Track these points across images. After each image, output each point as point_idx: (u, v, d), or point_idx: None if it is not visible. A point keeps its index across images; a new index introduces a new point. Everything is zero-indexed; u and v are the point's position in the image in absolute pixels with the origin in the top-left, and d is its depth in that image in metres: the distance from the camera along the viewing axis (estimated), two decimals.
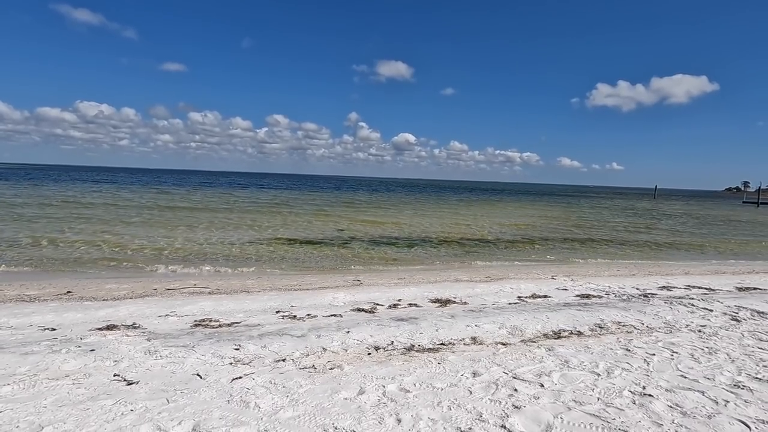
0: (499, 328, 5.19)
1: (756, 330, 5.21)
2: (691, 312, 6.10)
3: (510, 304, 6.68)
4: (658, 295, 7.37)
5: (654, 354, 4.26)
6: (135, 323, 5.21)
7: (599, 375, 3.71)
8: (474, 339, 4.77)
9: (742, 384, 3.55)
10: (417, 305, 6.50)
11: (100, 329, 4.91)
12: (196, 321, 5.42)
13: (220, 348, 4.27)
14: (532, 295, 7.32)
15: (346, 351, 4.31)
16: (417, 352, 4.32)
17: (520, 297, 7.19)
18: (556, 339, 4.84)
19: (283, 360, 4.02)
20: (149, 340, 4.49)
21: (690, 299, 6.96)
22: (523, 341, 4.73)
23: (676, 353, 4.29)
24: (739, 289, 8.16)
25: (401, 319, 5.52)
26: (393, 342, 4.61)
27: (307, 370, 3.78)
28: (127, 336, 4.63)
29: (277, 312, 5.94)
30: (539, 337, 4.89)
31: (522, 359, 4.09)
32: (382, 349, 4.38)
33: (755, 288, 8.31)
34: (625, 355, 4.23)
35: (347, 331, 4.90)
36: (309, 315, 5.77)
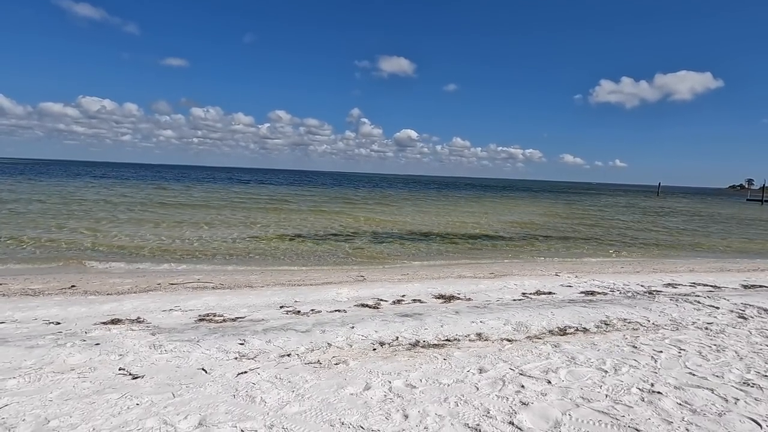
0: (504, 324, 5.16)
1: (763, 327, 5.16)
2: (698, 309, 6.05)
3: (514, 300, 6.66)
4: (663, 293, 7.33)
5: (661, 351, 4.23)
6: (139, 317, 5.21)
7: (606, 372, 3.68)
8: (479, 335, 4.75)
9: (751, 382, 3.51)
10: (421, 301, 6.48)
11: (104, 323, 4.91)
12: (200, 316, 5.41)
13: (224, 343, 4.25)
14: (536, 292, 7.29)
15: (350, 346, 4.29)
16: (422, 347, 4.30)
17: (524, 294, 7.16)
18: (561, 336, 4.81)
19: (288, 355, 4.00)
20: (154, 334, 4.49)
21: (696, 296, 6.91)
22: (529, 338, 4.70)
23: (683, 350, 4.26)
24: (745, 287, 8.11)
25: (405, 315, 5.50)
26: (398, 338, 4.59)
27: (313, 365, 3.76)
28: (132, 330, 4.62)
29: (281, 307, 5.93)
30: (545, 334, 4.86)
31: (528, 356, 4.07)
32: (387, 345, 4.36)
33: (761, 285, 8.25)
34: (632, 352, 4.20)
35: (352, 327, 4.89)
36: (313, 310, 5.76)
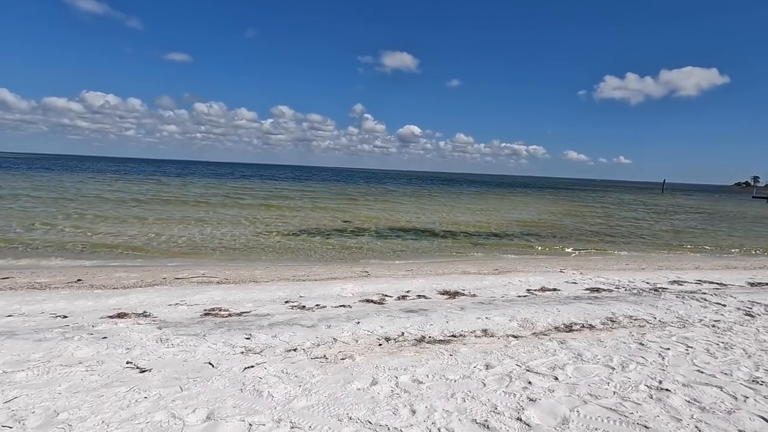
0: (510, 320, 5.15)
1: None
2: (704, 307, 6.02)
3: (519, 296, 6.64)
4: (669, 290, 7.29)
5: (669, 348, 4.21)
6: (145, 312, 5.23)
7: (614, 369, 3.66)
8: (485, 331, 4.74)
9: (760, 380, 3.49)
10: (426, 297, 6.47)
11: (111, 317, 4.94)
12: (205, 310, 5.42)
13: (230, 337, 4.26)
14: (541, 288, 7.27)
15: (356, 342, 4.29)
16: (428, 343, 4.29)
17: (529, 290, 7.14)
18: (567, 332, 4.80)
19: (294, 350, 4.01)
20: (160, 328, 4.50)
21: (702, 294, 6.88)
22: (535, 334, 4.69)
23: (691, 348, 4.24)
24: (752, 284, 8.06)
25: (411, 311, 5.50)
26: (403, 333, 4.58)
27: (319, 360, 3.77)
28: (138, 324, 4.64)
29: (286, 302, 5.94)
30: (551, 330, 4.85)
31: (534, 352, 4.05)
32: (393, 340, 4.36)
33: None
34: (639, 349, 4.18)
35: (357, 322, 4.89)
36: (318, 305, 5.77)
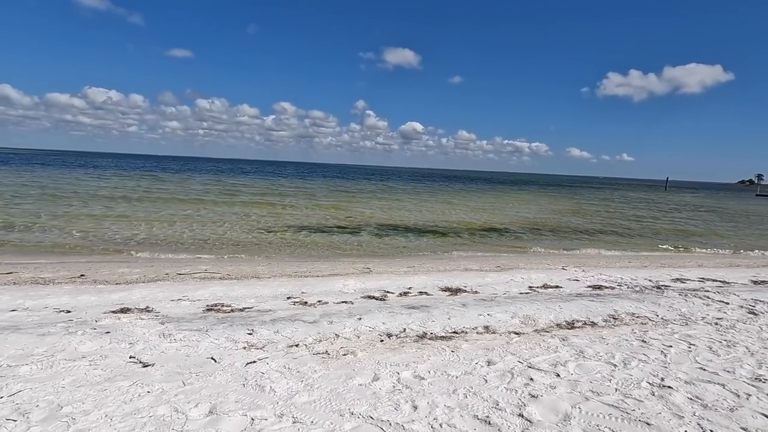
0: (512, 317, 5.15)
1: None
2: (707, 304, 6.00)
3: (521, 293, 6.63)
4: (671, 287, 7.27)
5: (671, 346, 4.20)
6: (148, 307, 5.25)
7: (616, 366, 3.66)
8: (487, 328, 4.74)
9: (763, 377, 3.48)
10: (427, 293, 6.47)
11: (114, 312, 4.96)
12: (208, 305, 5.44)
13: (233, 332, 4.28)
14: (543, 285, 7.26)
15: (358, 337, 4.30)
16: (430, 339, 4.30)
17: (531, 287, 7.14)
18: (569, 329, 4.79)
19: (296, 345, 4.02)
20: (163, 323, 4.52)
21: (705, 292, 6.86)
22: (537, 331, 4.68)
23: (693, 345, 4.23)
24: (755, 282, 8.03)
25: (412, 307, 5.50)
26: (405, 329, 4.59)
27: (321, 355, 3.78)
28: (141, 319, 4.66)
29: (288, 298, 5.95)
30: (552, 327, 4.84)
31: (536, 349, 4.05)
32: (394, 336, 4.37)
33: None
34: (641, 347, 4.18)
35: (359, 318, 4.90)
36: (320, 301, 5.78)
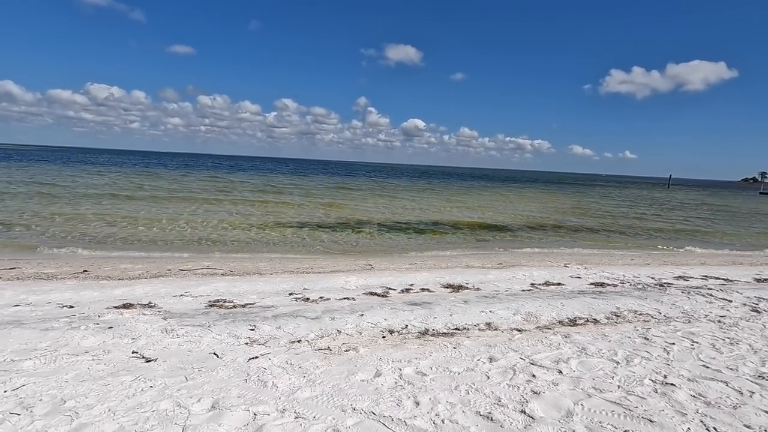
0: (514, 314, 5.14)
1: None
2: (710, 302, 5.99)
3: (523, 290, 6.63)
4: (674, 285, 7.25)
5: (674, 343, 4.19)
6: (151, 302, 5.26)
7: (618, 363, 3.65)
8: (489, 324, 4.73)
9: (766, 375, 3.47)
10: (429, 290, 6.47)
11: (116, 307, 4.97)
12: (210, 301, 5.45)
13: (235, 328, 4.29)
14: (545, 283, 7.25)
15: (360, 334, 4.30)
16: (432, 336, 4.30)
17: (533, 284, 7.13)
18: (572, 326, 4.79)
19: (299, 341, 4.03)
20: (165, 319, 4.53)
21: (708, 289, 6.83)
22: (539, 328, 4.68)
23: (696, 343, 4.22)
24: (758, 280, 8.00)
25: (414, 304, 5.50)
26: (407, 326, 4.59)
27: (323, 351, 3.78)
28: (144, 315, 4.67)
29: (290, 294, 5.96)
30: (555, 324, 4.84)
31: (538, 345, 4.05)
32: (396, 333, 4.37)
33: None
34: (644, 344, 4.17)
35: (361, 314, 4.90)
36: (322, 298, 5.78)
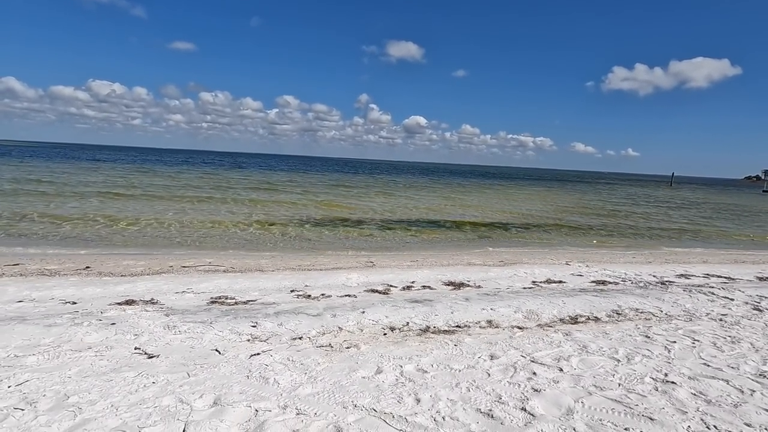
0: (515, 311, 5.14)
1: None
2: (711, 301, 5.98)
3: (524, 288, 6.63)
4: (676, 283, 7.24)
5: (675, 341, 4.19)
6: (153, 299, 5.28)
7: (619, 361, 3.66)
8: (490, 322, 4.74)
9: (767, 374, 3.47)
10: (431, 287, 6.48)
11: (119, 304, 5.00)
12: (212, 298, 5.47)
13: (237, 325, 4.30)
14: (546, 281, 7.25)
15: (361, 331, 4.31)
16: (433, 333, 4.31)
17: (534, 282, 7.13)
18: (573, 324, 4.79)
19: (300, 338, 4.04)
20: (168, 315, 4.55)
21: (710, 288, 6.82)
22: (540, 325, 4.68)
23: (697, 341, 4.22)
24: (760, 279, 7.98)
25: (416, 301, 5.51)
26: (408, 323, 4.60)
27: (324, 348, 3.79)
28: (146, 311, 4.69)
29: (292, 291, 5.98)
30: (556, 322, 4.84)
31: (539, 343, 4.05)
32: (397, 330, 4.38)
33: None
34: (645, 342, 4.17)
35: (362, 311, 4.91)
36: (323, 295, 5.79)
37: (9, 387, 2.87)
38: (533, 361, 3.60)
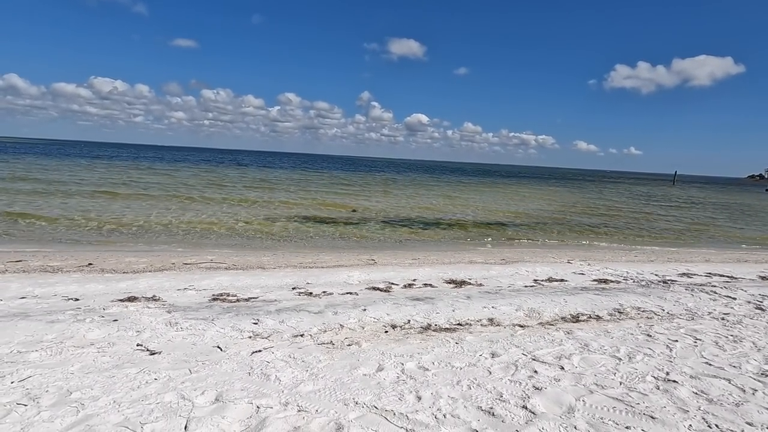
0: (516, 310, 5.14)
1: None
2: (714, 300, 5.96)
3: (526, 286, 6.62)
4: (678, 282, 7.23)
5: (676, 340, 4.18)
6: (155, 296, 5.30)
7: (620, 359, 3.65)
8: (491, 320, 4.74)
9: None
10: (432, 285, 6.48)
11: (121, 300, 5.01)
12: (214, 295, 5.48)
13: (238, 322, 4.31)
14: (548, 279, 7.24)
15: (363, 328, 4.32)
16: (434, 331, 4.31)
17: (536, 280, 7.12)
18: (574, 322, 4.79)
19: (301, 335, 4.05)
20: (169, 312, 4.56)
21: (712, 287, 6.81)
22: (541, 324, 4.68)
23: (699, 340, 4.21)
24: (763, 278, 7.96)
25: (417, 299, 5.51)
26: (410, 321, 4.60)
27: (326, 345, 3.80)
28: (148, 308, 4.71)
29: (293, 288, 5.99)
30: (557, 320, 4.84)
31: (541, 341, 4.05)
32: (399, 328, 4.38)
33: None
34: (647, 341, 4.16)
35: (364, 309, 4.91)
36: (325, 292, 5.80)
37: (12, 383, 2.88)
38: (534, 360, 3.60)
